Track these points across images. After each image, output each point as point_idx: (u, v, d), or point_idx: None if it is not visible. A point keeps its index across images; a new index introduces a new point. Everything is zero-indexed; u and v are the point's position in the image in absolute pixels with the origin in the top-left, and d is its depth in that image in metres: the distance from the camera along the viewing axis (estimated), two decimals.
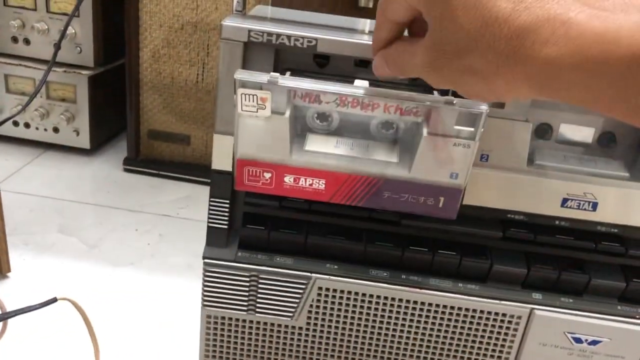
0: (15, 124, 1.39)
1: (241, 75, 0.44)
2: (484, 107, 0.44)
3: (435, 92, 0.48)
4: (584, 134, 0.53)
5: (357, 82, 0.48)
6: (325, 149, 0.49)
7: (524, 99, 0.35)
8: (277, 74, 0.45)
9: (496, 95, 0.35)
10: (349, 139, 0.50)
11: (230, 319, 0.55)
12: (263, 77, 0.44)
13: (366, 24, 0.70)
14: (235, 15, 0.53)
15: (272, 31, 0.48)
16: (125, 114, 1.35)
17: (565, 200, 0.51)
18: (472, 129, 0.45)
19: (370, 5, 1.18)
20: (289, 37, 0.48)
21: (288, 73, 0.49)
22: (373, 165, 0.48)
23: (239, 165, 0.48)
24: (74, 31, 1.28)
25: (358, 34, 0.52)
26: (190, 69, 1.29)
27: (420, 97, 0.45)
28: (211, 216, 0.54)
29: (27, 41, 1.32)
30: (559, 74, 0.29)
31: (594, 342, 0.54)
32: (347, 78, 0.50)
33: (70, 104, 1.36)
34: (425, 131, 0.45)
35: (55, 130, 1.39)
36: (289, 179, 0.48)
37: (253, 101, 0.45)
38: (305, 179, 0.48)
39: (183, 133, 1.35)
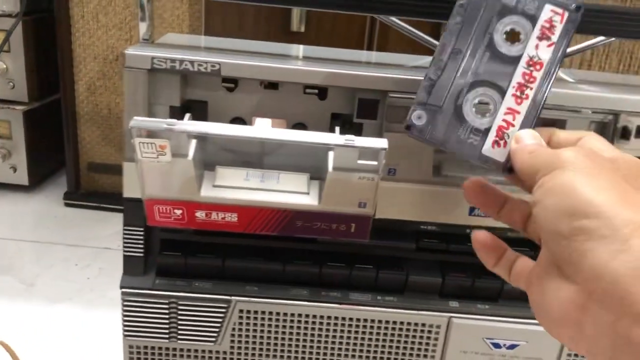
0: None
1: (137, 123, 0.44)
2: (383, 143, 0.45)
3: (337, 130, 0.50)
4: None
5: (259, 120, 0.49)
6: (235, 183, 0.49)
7: None
8: (174, 120, 0.44)
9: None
10: (259, 170, 0.51)
11: (153, 347, 0.55)
12: (160, 125, 0.44)
13: (299, 49, 0.72)
14: (141, 44, 0.53)
15: (175, 57, 0.48)
16: (64, 148, 1.33)
17: (472, 209, 0.53)
18: (375, 163, 0.46)
19: (302, 29, 1.20)
20: (192, 62, 0.48)
21: (187, 116, 0.49)
22: (284, 197, 0.49)
23: (147, 204, 0.48)
24: (5, 66, 1.26)
25: (279, 58, 0.53)
26: None
27: (321, 139, 0.46)
28: (126, 245, 0.53)
29: None
30: None
31: (512, 346, 0.55)
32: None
33: (6, 140, 1.34)
34: (330, 166, 0.46)
35: None
36: (200, 214, 0.49)
37: (152, 148, 0.45)
38: (217, 213, 0.49)
39: None
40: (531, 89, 0.41)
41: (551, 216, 0.31)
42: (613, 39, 0.62)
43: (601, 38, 0.64)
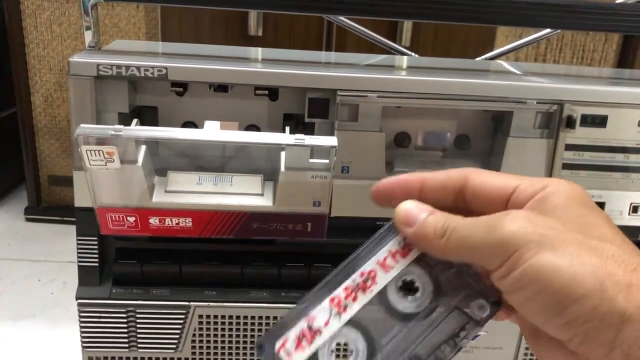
0: None
1: (83, 130, 0.43)
2: (333, 141, 0.45)
3: (287, 130, 0.50)
4: (440, 138, 0.55)
5: (208, 123, 0.49)
6: (187, 187, 0.49)
7: None
8: (121, 127, 0.44)
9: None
10: (212, 173, 0.50)
11: (113, 358, 0.54)
12: (106, 131, 0.43)
13: (251, 52, 0.72)
14: (87, 51, 0.52)
15: (122, 63, 0.48)
16: (23, 162, 1.30)
17: None
18: (327, 161, 0.46)
19: (260, 33, 1.20)
20: (138, 67, 0.48)
21: (135, 122, 0.49)
22: (238, 200, 0.48)
23: (99, 213, 0.47)
24: None
25: (228, 61, 0.53)
26: None
27: (271, 139, 0.46)
28: (80, 255, 0.53)
29: None
30: None
31: (473, 337, 0.56)
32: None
33: None
34: (283, 166, 0.46)
35: None
36: (154, 221, 0.48)
37: (100, 156, 0.44)
38: (171, 219, 0.48)
39: None
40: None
41: (537, 310, 0.26)
42: (558, 30, 0.64)
43: (547, 30, 0.65)
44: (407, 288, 0.29)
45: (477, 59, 0.74)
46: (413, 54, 0.76)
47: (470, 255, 0.27)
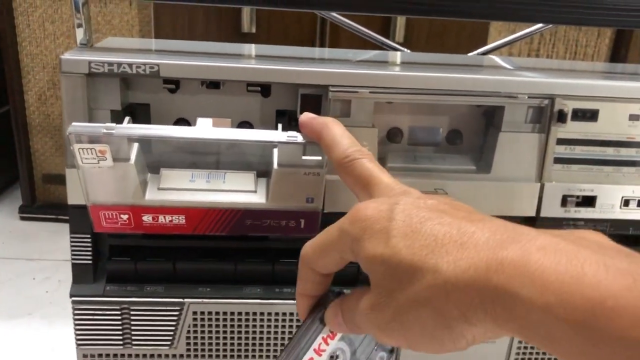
0: None
1: (75, 129, 0.43)
2: None
3: (279, 127, 0.50)
4: (433, 134, 0.55)
5: (200, 120, 0.49)
6: (180, 185, 0.49)
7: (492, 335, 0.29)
8: (113, 124, 0.44)
9: (452, 331, 0.29)
10: (205, 170, 0.50)
11: (108, 355, 0.54)
12: (98, 129, 0.43)
13: (243, 48, 0.72)
14: (78, 49, 0.52)
15: (113, 60, 0.48)
16: (17, 161, 1.30)
17: None
18: (319, 158, 0.46)
19: (253, 30, 1.20)
20: (130, 64, 0.48)
21: (127, 119, 0.49)
22: (231, 197, 0.49)
23: (92, 211, 0.47)
24: None
25: (220, 57, 0.53)
26: None
27: (264, 136, 0.46)
28: (74, 253, 0.53)
29: None
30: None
31: None
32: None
33: None
34: (276, 163, 0.46)
35: None
36: (147, 218, 0.48)
37: (92, 154, 0.44)
38: (165, 216, 0.48)
39: None
40: None
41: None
42: (550, 25, 0.64)
43: (539, 25, 0.65)
44: None
45: (469, 54, 0.74)
46: (405, 49, 0.76)
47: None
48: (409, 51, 0.76)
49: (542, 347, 0.26)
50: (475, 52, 0.74)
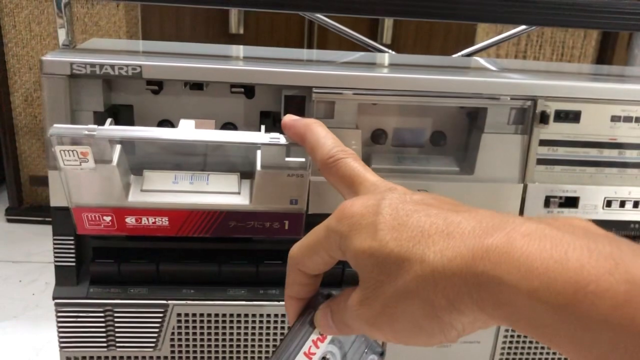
0: None
1: (56, 130, 0.43)
2: None
3: (262, 129, 0.50)
4: (417, 135, 0.56)
5: (183, 121, 0.49)
6: (163, 186, 0.49)
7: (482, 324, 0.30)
8: (95, 126, 0.44)
9: (441, 321, 0.29)
10: (188, 172, 0.50)
11: (92, 357, 0.54)
12: (80, 131, 0.43)
13: (229, 49, 0.72)
14: (61, 50, 0.52)
15: (95, 62, 0.48)
16: (3, 163, 1.29)
17: None
18: (303, 160, 0.46)
19: (241, 31, 1.19)
20: (112, 66, 0.48)
21: (109, 121, 0.49)
22: (215, 198, 0.48)
23: (75, 213, 0.47)
24: None
25: (203, 59, 0.53)
26: None
27: (246, 138, 0.46)
28: (57, 255, 0.52)
29: None
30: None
31: None
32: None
33: None
34: (259, 165, 0.46)
35: None
36: (130, 220, 0.48)
37: (74, 156, 0.44)
38: (148, 218, 0.48)
39: None
40: None
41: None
42: (534, 27, 0.64)
43: (522, 27, 0.66)
44: None
45: (454, 55, 0.74)
46: (391, 51, 0.77)
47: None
48: (394, 53, 0.76)
49: (529, 333, 0.27)
50: (460, 53, 0.74)
